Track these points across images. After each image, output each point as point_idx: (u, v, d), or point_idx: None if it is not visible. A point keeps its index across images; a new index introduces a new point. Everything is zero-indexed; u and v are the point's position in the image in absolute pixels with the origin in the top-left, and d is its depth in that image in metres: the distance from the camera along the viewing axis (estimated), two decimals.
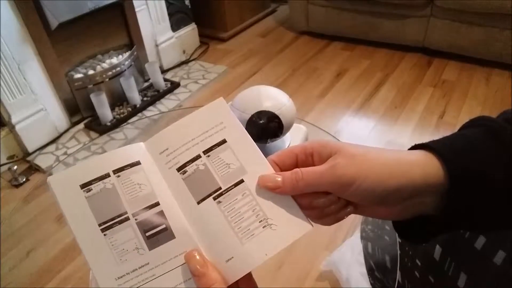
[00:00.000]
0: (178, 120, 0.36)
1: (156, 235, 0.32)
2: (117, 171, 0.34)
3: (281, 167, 0.34)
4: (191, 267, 0.31)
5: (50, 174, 0.33)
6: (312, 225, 0.33)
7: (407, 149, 0.34)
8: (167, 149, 0.35)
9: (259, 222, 0.32)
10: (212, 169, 0.34)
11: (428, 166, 0.30)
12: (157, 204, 0.33)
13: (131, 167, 0.34)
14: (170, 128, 0.36)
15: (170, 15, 2.14)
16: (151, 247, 0.32)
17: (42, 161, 1.60)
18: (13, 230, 1.33)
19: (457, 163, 0.30)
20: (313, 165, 0.32)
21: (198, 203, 0.33)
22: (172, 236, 0.32)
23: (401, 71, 2.05)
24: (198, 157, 0.34)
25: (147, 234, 0.32)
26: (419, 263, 0.50)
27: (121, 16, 1.89)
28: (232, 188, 0.33)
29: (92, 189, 0.33)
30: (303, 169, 0.31)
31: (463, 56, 2.02)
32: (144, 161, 0.35)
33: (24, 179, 1.53)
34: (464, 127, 0.35)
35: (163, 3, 2.06)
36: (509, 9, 1.74)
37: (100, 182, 0.33)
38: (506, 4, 1.73)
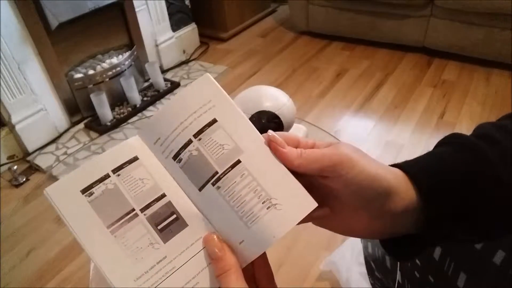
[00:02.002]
0: (165, 104, 0.35)
1: (169, 226, 0.32)
2: (116, 170, 0.33)
3: None
4: (209, 250, 0.31)
5: (50, 174, 0.33)
6: (317, 203, 0.32)
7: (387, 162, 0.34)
8: (159, 138, 0.34)
9: (262, 203, 0.31)
10: (205, 153, 0.32)
11: (405, 188, 0.31)
12: (163, 195, 0.32)
13: (129, 163, 0.33)
14: (157, 115, 0.34)
15: (170, 15, 2.14)
16: (165, 239, 0.31)
17: (42, 161, 1.60)
18: (13, 230, 1.34)
19: (428, 183, 0.30)
20: None
21: (200, 190, 0.32)
22: (185, 224, 0.32)
23: (401, 71, 2.05)
24: (189, 142, 0.33)
25: (159, 227, 0.32)
26: (419, 263, 0.50)
27: (121, 16, 1.89)
28: (230, 171, 0.32)
29: (94, 193, 0.32)
30: (307, 149, 0.32)
31: (463, 56, 2.02)
32: (141, 155, 0.34)
33: (24, 179, 1.53)
34: (437, 145, 0.35)
35: (163, 3, 2.07)
36: (509, 9, 1.74)
37: (101, 184, 0.32)
38: (506, 4, 1.73)
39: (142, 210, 0.32)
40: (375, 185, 0.30)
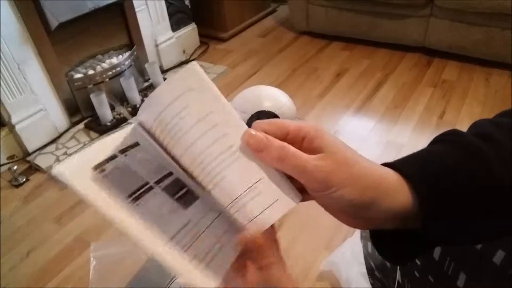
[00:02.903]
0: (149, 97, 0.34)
1: (183, 197, 0.33)
2: (122, 151, 0.33)
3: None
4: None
5: (50, 174, 0.33)
6: (300, 198, 0.32)
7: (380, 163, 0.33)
8: (150, 128, 0.34)
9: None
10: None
11: (399, 190, 0.30)
12: (170, 173, 0.33)
13: (132, 147, 0.34)
14: (144, 106, 0.34)
15: (170, 15, 2.14)
16: (185, 207, 0.32)
17: (42, 161, 1.60)
18: (13, 230, 1.34)
19: (427, 188, 0.29)
20: (301, 148, 0.31)
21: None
22: (196, 197, 0.33)
23: (401, 71, 2.05)
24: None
25: (176, 197, 0.32)
26: (419, 263, 0.50)
27: (121, 16, 1.89)
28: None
29: (105, 169, 0.32)
30: (292, 148, 0.30)
31: (463, 56, 2.02)
32: (142, 141, 0.34)
33: (24, 179, 1.53)
34: (433, 142, 0.34)
35: (163, 3, 2.07)
36: (509, 9, 1.74)
37: (110, 162, 0.32)
38: (506, 4, 1.73)
39: (156, 183, 0.33)
40: (357, 202, 0.29)
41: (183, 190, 0.33)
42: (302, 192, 0.32)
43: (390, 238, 0.32)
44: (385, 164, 0.32)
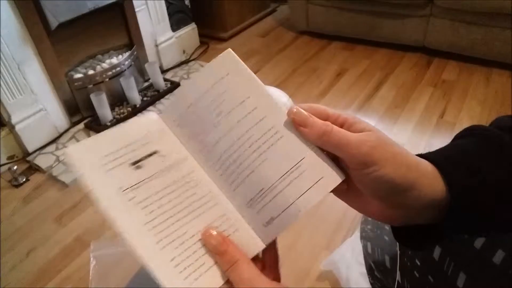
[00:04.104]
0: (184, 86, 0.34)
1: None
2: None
3: None
4: (210, 246, 0.30)
5: (50, 174, 0.33)
6: (343, 176, 0.31)
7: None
8: (175, 120, 0.34)
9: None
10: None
11: (434, 180, 0.30)
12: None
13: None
14: (176, 97, 0.35)
15: (170, 15, 2.14)
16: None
17: (42, 161, 1.60)
18: (13, 230, 1.34)
19: (459, 182, 0.29)
20: None
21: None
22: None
23: (401, 71, 2.05)
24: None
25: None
26: (419, 263, 0.50)
27: (121, 16, 1.89)
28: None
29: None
30: (335, 127, 0.30)
31: (463, 56, 2.02)
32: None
33: (24, 179, 1.53)
34: (459, 136, 0.34)
35: (163, 3, 2.07)
36: (509, 9, 1.74)
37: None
38: (506, 4, 1.73)
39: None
40: (398, 182, 0.29)
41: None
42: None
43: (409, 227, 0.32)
44: (416, 155, 0.32)
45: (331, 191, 0.32)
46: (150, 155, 0.33)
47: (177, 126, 0.34)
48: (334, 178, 0.31)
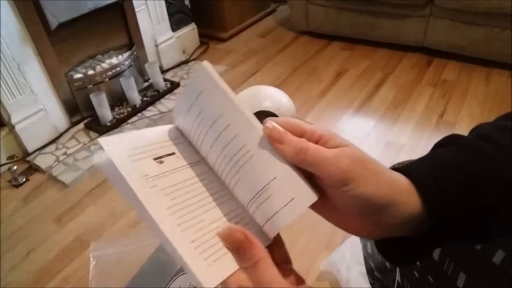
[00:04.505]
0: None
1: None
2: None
3: None
4: (231, 242, 0.29)
5: (50, 174, 0.33)
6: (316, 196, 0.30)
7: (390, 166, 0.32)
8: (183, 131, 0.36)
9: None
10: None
11: (411, 196, 0.29)
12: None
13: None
14: (174, 111, 0.35)
15: (170, 15, 2.14)
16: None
17: (42, 161, 1.60)
18: (13, 230, 1.34)
19: (435, 198, 0.29)
20: None
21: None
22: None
23: (401, 71, 2.05)
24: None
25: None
26: (418, 263, 0.50)
27: (121, 16, 1.89)
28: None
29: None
30: (310, 143, 0.30)
31: (463, 56, 2.02)
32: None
33: (24, 179, 1.53)
34: (438, 145, 0.34)
35: (163, 3, 2.06)
36: (509, 9, 1.74)
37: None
38: (506, 4, 1.73)
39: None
40: (376, 201, 0.28)
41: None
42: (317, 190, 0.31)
43: (393, 241, 0.32)
44: (392, 168, 0.32)
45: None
46: (169, 154, 0.34)
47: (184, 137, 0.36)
48: (307, 198, 0.30)
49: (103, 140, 0.31)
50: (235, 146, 0.31)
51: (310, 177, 0.30)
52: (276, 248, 0.33)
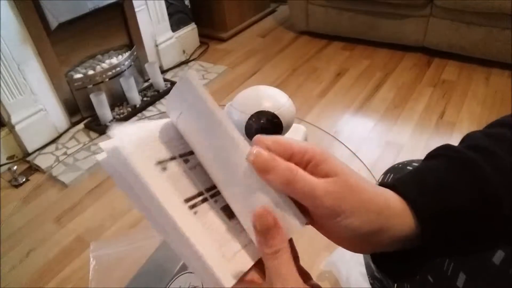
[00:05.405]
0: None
1: (228, 209, 0.32)
2: (182, 155, 0.32)
3: None
4: (264, 224, 0.28)
5: (50, 174, 0.32)
6: (305, 221, 0.30)
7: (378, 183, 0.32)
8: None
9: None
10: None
11: (405, 218, 0.29)
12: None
13: (190, 154, 0.33)
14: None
15: (170, 15, 2.14)
16: (231, 219, 0.31)
17: (42, 161, 1.60)
18: (13, 230, 1.34)
19: (428, 211, 0.29)
20: (305, 171, 0.29)
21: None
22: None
23: (401, 71, 2.05)
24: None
25: (225, 211, 0.31)
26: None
27: (121, 16, 1.89)
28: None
29: (167, 168, 0.30)
30: (300, 171, 0.28)
31: (463, 56, 2.02)
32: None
33: (24, 179, 1.53)
34: (431, 157, 0.33)
35: (163, 3, 2.07)
36: (509, 9, 1.74)
37: (172, 162, 0.31)
38: (506, 4, 1.73)
39: (211, 196, 0.31)
40: (365, 230, 0.28)
41: (226, 203, 0.32)
42: (305, 215, 0.30)
43: (390, 257, 0.32)
44: (385, 185, 0.31)
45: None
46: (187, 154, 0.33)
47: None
48: (292, 227, 0.29)
49: (114, 131, 0.29)
50: (220, 170, 0.30)
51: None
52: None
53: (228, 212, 0.31)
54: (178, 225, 0.27)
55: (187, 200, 0.30)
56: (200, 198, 0.31)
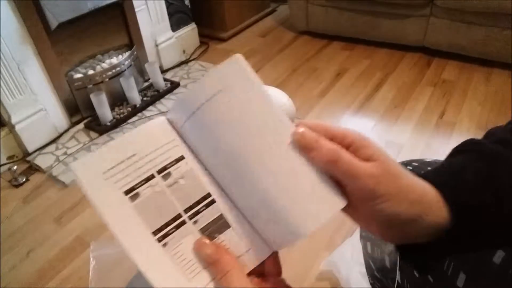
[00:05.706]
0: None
1: (216, 231, 0.31)
2: (161, 171, 0.30)
3: None
4: (203, 255, 0.30)
5: (50, 174, 0.32)
6: (346, 201, 0.29)
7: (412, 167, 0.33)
8: (181, 127, 0.32)
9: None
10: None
11: (439, 209, 0.30)
12: (208, 195, 0.31)
13: (177, 162, 0.31)
14: (176, 103, 0.32)
15: (170, 15, 2.14)
16: (211, 239, 0.31)
17: (42, 161, 1.60)
18: (13, 230, 1.34)
19: (462, 205, 0.29)
20: None
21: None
22: (228, 225, 0.31)
23: (401, 71, 2.05)
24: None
25: (207, 231, 0.31)
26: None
27: (121, 16, 1.89)
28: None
29: (139, 196, 0.29)
30: (344, 151, 0.29)
31: (463, 56, 2.02)
32: (185, 153, 0.31)
33: (24, 179, 1.53)
34: (454, 152, 0.34)
35: (163, 3, 2.06)
36: (509, 9, 1.74)
37: (146, 186, 0.29)
38: (506, 4, 1.73)
39: (190, 216, 0.30)
40: (402, 217, 0.28)
41: (216, 216, 0.31)
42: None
43: (414, 249, 0.32)
44: (420, 176, 0.31)
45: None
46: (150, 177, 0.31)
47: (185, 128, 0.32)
48: (334, 205, 0.29)
49: (76, 164, 0.28)
50: (260, 146, 0.30)
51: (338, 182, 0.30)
52: (270, 258, 0.33)
53: (209, 232, 0.31)
54: (137, 264, 0.27)
55: (156, 232, 0.29)
56: (175, 223, 0.30)
